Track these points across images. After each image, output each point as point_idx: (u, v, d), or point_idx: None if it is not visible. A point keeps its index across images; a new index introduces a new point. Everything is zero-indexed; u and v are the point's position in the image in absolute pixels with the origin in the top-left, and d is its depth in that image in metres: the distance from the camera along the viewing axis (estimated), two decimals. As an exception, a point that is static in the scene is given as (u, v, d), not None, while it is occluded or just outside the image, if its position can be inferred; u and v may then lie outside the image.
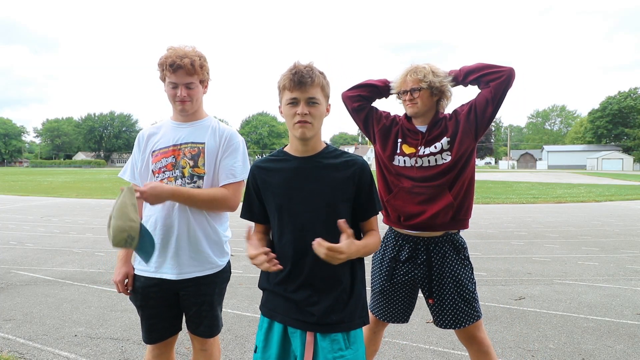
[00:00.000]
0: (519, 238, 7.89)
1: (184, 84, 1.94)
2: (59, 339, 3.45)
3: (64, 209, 12.63)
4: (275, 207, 1.66)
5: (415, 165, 2.22)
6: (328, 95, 1.67)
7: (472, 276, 2.25)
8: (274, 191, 1.67)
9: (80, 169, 73.96)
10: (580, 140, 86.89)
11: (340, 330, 1.59)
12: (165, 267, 1.96)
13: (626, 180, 31.04)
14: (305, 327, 1.59)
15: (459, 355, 3.18)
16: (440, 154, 2.20)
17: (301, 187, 1.64)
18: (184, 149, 1.99)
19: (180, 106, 1.97)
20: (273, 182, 1.68)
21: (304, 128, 1.58)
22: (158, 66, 1.97)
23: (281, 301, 1.64)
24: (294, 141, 1.67)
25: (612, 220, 10.12)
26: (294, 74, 1.57)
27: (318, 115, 1.61)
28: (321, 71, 1.63)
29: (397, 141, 2.30)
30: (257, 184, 1.72)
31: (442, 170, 2.19)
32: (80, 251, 6.76)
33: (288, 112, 1.61)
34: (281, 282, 1.65)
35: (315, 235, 1.50)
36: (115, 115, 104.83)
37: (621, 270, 5.59)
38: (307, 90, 1.57)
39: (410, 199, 2.22)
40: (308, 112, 1.57)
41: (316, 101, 1.59)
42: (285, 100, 1.61)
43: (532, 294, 4.61)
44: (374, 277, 2.40)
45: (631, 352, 3.22)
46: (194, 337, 2.08)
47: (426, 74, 2.17)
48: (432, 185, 2.19)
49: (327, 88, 1.65)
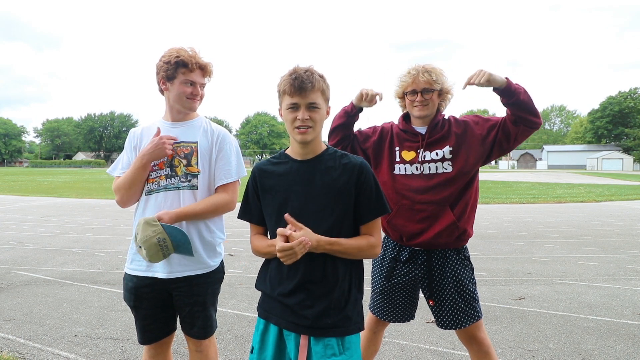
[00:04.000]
0: (519, 238, 7.89)
1: (200, 84, 2.02)
2: (59, 339, 3.45)
3: (63, 209, 12.63)
4: (274, 210, 1.66)
5: (416, 173, 2.18)
6: (328, 98, 1.67)
7: (472, 276, 2.25)
8: (274, 194, 1.67)
9: (80, 169, 74.00)
10: (580, 140, 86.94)
11: (334, 335, 1.58)
12: (156, 265, 1.96)
13: (626, 180, 31.06)
14: (299, 330, 1.59)
15: (459, 355, 3.18)
16: (442, 162, 2.15)
17: (301, 190, 1.64)
18: (176, 148, 2.00)
19: (191, 104, 2.02)
20: (273, 185, 1.68)
21: (305, 133, 1.60)
22: (166, 64, 1.95)
23: (277, 303, 1.65)
24: (295, 144, 1.68)
25: (612, 220, 10.12)
26: (294, 79, 1.57)
27: (318, 119, 1.61)
28: (321, 74, 1.63)
29: (395, 150, 2.25)
30: (257, 186, 1.72)
31: (443, 181, 2.14)
32: (80, 251, 6.76)
33: (288, 117, 1.61)
34: (277, 285, 1.65)
35: None
36: (115, 115, 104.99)
37: (621, 270, 5.59)
38: (308, 96, 1.57)
39: (411, 217, 2.18)
40: (309, 117, 1.58)
41: (317, 106, 1.60)
42: (286, 105, 1.61)
43: (532, 294, 4.60)
44: (374, 277, 2.39)
45: (631, 352, 3.22)
46: (188, 338, 2.08)
47: (438, 75, 2.13)
48: (434, 201, 2.14)
49: (327, 91, 1.66)
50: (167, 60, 1.95)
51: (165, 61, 1.96)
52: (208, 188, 2.02)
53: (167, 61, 1.95)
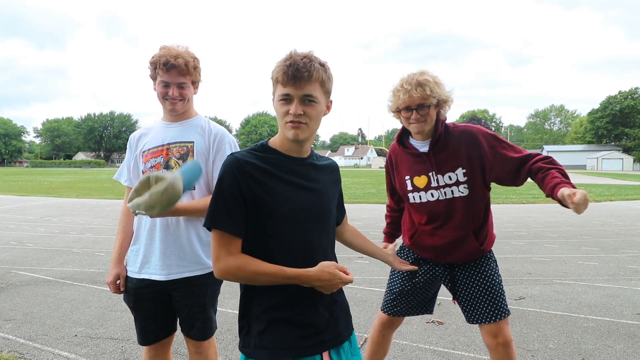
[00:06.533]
0: (519, 238, 7.89)
1: (176, 84, 1.94)
2: (59, 339, 3.45)
3: (63, 209, 12.63)
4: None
5: (432, 200, 2.09)
6: (329, 91, 1.41)
7: (496, 270, 2.18)
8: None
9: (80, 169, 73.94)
10: (580, 140, 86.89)
11: (348, 336, 1.48)
12: (153, 268, 1.95)
13: (626, 180, 31.05)
14: (319, 350, 1.38)
15: (459, 355, 3.18)
16: (457, 186, 2.05)
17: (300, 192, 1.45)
18: (172, 148, 1.99)
19: (171, 106, 1.97)
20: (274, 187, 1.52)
21: (298, 129, 1.35)
22: (150, 64, 1.96)
23: (287, 329, 1.35)
24: (286, 140, 1.42)
25: (612, 220, 10.13)
26: (289, 66, 1.31)
27: (315, 115, 1.36)
28: (322, 62, 1.38)
29: (405, 180, 2.15)
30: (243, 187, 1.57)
31: (460, 205, 2.05)
32: (80, 251, 6.76)
33: (280, 109, 1.36)
34: (284, 305, 1.37)
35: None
36: (115, 115, 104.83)
37: (621, 270, 5.58)
38: (303, 87, 1.32)
39: (431, 244, 2.14)
40: (303, 112, 1.33)
41: (313, 99, 1.34)
42: (278, 95, 1.36)
43: (532, 294, 4.60)
44: (394, 277, 2.33)
45: (631, 352, 3.22)
46: (188, 339, 2.07)
47: (432, 87, 1.95)
48: (455, 227, 2.07)
49: (328, 83, 1.39)
50: (150, 60, 1.96)
51: (150, 61, 1.96)
52: (206, 188, 2.01)
53: (150, 61, 1.96)
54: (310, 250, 1.39)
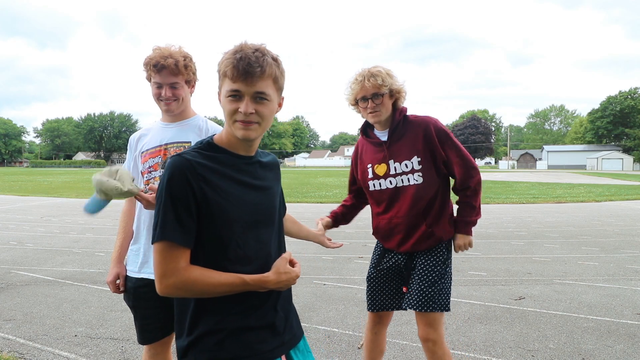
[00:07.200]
0: (519, 238, 7.89)
1: (168, 84, 1.93)
2: (59, 339, 3.45)
3: (64, 209, 12.64)
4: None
5: (390, 187, 2.20)
6: (282, 88, 1.31)
7: (445, 264, 2.20)
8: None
9: (80, 169, 73.95)
10: (580, 140, 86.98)
11: (301, 335, 1.45)
12: (151, 267, 1.95)
13: (626, 180, 31.06)
14: (278, 353, 1.32)
15: (459, 355, 3.18)
16: (412, 174, 2.16)
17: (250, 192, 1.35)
18: (170, 148, 2.00)
19: (165, 106, 1.97)
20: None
21: (249, 130, 1.24)
22: (143, 66, 1.96)
23: (247, 334, 1.26)
24: (234, 138, 1.29)
25: (612, 220, 10.13)
26: (239, 59, 1.19)
27: (267, 114, 1.25)
28: (275, 56, 1.27)
29: (368, 167, 2.28)
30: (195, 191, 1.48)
31: (414, 192, 2.15)
32: (80, 251, 6.76)
33: (227, 107, 1.24)
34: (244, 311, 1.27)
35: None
36: (115, 115, 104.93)
37: (621, 270, 5.59)
38: (255, 83, 1.20)
39: (389, 231, 2.25)
40: (254, 111, 1.22)
41: (265, 97, 1.23)
42: (226, 91, 1.23)
43: (532, 294, 4.61)
44: (369, 267, 2.45)
45: (631, 352, 3.22)
46: None
47: (384, 77, 2.09)
48: (407, 214, 2.18)
49: (281, 79, 1.29)
50: (143, 62, 1.96)
51: (143, 63, 1.97)
52: None
53: (144, 63, 1.96)
54: (265, 250, 1.32)
